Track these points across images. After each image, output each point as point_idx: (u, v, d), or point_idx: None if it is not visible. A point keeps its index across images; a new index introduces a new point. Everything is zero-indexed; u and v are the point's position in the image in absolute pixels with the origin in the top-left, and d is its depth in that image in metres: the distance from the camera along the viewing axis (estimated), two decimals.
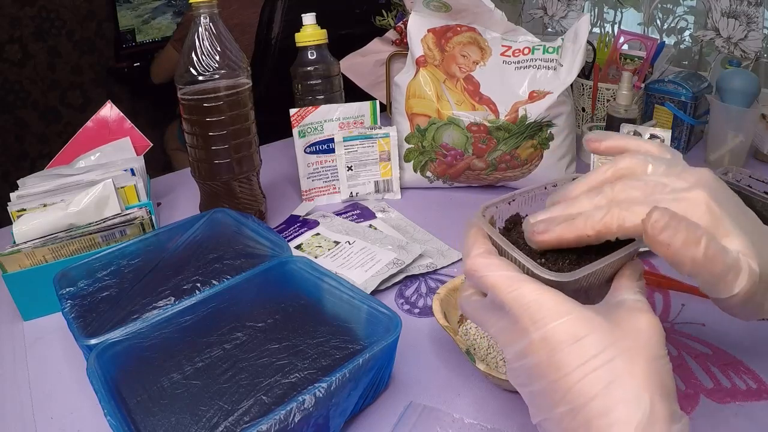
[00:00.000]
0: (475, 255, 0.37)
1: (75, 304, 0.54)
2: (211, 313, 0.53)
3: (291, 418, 0.39)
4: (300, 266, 0.57)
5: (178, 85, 0.70)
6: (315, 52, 0.86)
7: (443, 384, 0.52)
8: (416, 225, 0.77)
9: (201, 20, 0.67)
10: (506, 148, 0.80)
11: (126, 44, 2.31)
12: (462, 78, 0.83)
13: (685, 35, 1.17)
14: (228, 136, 0.71)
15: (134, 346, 0.48)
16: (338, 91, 0.90)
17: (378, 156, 0.84)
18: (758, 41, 0.98)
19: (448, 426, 0.46)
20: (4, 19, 2.20)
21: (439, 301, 0.54)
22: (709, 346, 0.54)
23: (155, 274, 0.59)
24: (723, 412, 0.47)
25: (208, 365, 0.48)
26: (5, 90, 2.27)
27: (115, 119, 0.88)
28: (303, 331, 0.51)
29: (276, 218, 0.82)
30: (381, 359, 0.46)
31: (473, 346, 0.54)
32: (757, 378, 0.50)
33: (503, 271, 0.35)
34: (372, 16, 1.14)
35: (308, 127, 0.82)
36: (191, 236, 0.64)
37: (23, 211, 0.68)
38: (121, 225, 0.66)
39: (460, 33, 0.85)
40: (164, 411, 0.44)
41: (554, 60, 0.80)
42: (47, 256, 0.63)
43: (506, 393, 0.50)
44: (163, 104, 1.82)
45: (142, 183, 0.76)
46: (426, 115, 0.83)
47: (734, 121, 0.86)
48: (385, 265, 0.66)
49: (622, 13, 1.29)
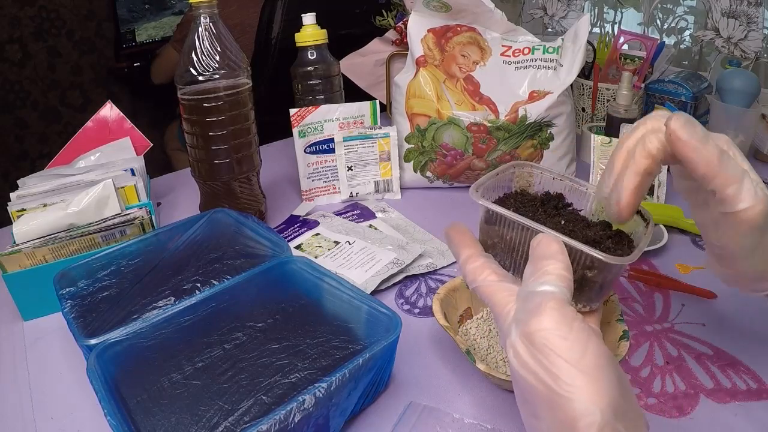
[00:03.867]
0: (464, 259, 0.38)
1: (75, 304, 0.54)
2: (211, 313, 0.53)
3: (291, 418, 0.39)
4: (300, 266, 0.57)
5: (178, 85, 0.70)
6: (315, 52, 0.86)
7: (443, 384, 0.52)
8: (416, 225, 0.77)
9: (201, 20, 0.67)
10: (506, 148, 0.80)
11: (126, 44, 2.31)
12: (462, 78, 0.83)
13: (685, 35, 1.17)
14: (228, 136, 0.71)
15: (134, 346, 0.48)
16: (338, 91, 0.90)
17: (378, 156, 0.84)
18: (758, 41, 0.98)
19: (448, 426, 0.46)
20: (4, 19, 2.20)
21: (439, 301, 0.54)
22: (709, 346, 0.54)
23: (155, 274, 0.59)
24: (723, 412, 0.47)
25: (208, 365, 0.48)
26: (5, 90, 2.27)
27: (115, 119, 0.88)
28: (303, 331, 0.51)
29: (276, 218, 0.82)
30: (381, 359, 0.46)
31: (473, 346, 0.54)
32: (757, 378, 0.50)
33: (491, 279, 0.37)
34: (372, 16, 1.14)
35: (308, 127, 0.82)
36: (191, 236, 0.64)
37: (23, 211, 0.68)
38: (121, 225, 0.66)
39: (460, 33, 0.85)
40: (164, 411, 0.44)
41: (554, 60, 0.80)
42: (47, 256, 0.63)
43: (506, 393, 0.50)
44: (163, 104, 1.82)
45: (142, 183, 0.76)
46: (426, 115, 0.83)
47: (734, 121, 0.86)
48: (385, 265, 0.66)
49: (622, 13, 1.29)
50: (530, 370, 0.31)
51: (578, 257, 0.36)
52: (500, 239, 0.40)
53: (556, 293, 0.32)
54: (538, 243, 0.35)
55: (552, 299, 0.32)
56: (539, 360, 0.31)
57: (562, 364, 0.30)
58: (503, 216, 0.39)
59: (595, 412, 0.28)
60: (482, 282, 0.37)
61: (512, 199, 0.43)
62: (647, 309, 0.60)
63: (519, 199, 0.42)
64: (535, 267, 0.34)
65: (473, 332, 0.56)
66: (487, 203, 0.39)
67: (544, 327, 0.31)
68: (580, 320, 0.32)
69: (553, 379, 0.30)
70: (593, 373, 0.29)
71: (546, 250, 0.35)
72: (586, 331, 0.31)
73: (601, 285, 0.37)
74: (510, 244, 0.39)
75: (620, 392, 0.30)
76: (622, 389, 0.30)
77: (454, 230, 0.41)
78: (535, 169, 0.45)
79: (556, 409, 0.30)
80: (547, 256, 0.34)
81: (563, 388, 0.29)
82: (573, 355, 0.30)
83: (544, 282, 0.33)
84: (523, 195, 0.44)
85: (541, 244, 0.35)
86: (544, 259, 0.34)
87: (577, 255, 0.36)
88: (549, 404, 0.30)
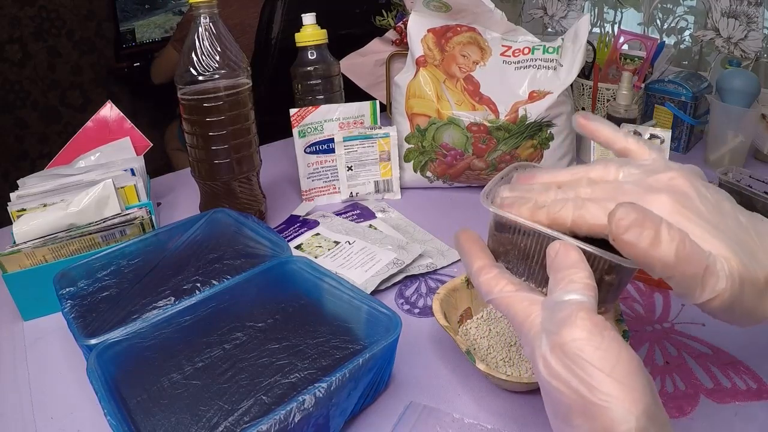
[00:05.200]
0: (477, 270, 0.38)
1: (75, 304, 0.54)
2: (211, 313, 0.53)
3: (291, 418, 0.39)
4: (300, 266, 0.57)
5: (178, 85, 0.70)
6: (315, 52, 0.86)
7: (443, 384, 0.52)
8: (416, 225, 0.77)
9: (201, 20, 0.67)
10: (506, 148, 0.80)
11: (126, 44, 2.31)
12: (462, 78, 0.83)
13: (685, 35, 1.17)
14: (228, 136, 0.71)
15: (134, 346, 0.48)
16: (338, 91, 0.90)
17: (378, 156, 0.84)
18: (758, 41, 0.98)
19: (448, 426, 0.46)
20: (4, 19, 2.20)
21: (439, 301, 0.54)
22: (709, 346, 0.54)
23: (155, 274, 0.59)
24: (723, 412, 0.47)
25: (208, 365, 0.48)
26: (5, 90, 2.27)
27: (115, 119, 0.88)
28: (303, 331, 0.51)
29: (276, 218, 0.82)
30: (381, 359, 0.46)
31: (473, 346, 0.54)
32: (757, 378, 0.50)
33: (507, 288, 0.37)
34: (372, 16, 1.14)
35: (308, 127, 0.82)
36: (191, 236, 0.64)
37: (23, 211, 0.68)
38: (121, 225, 0.66)
39: (460, 33, 0.85)
40: (164, 411, 0.44)
41: (554, 60, 0.80)
42: (47, 256, 0.63)
43: (506, 393, 0.50)
44: (163, 104, 1.82)
45: (142, 183, 0.76)
46: (426, 115, 0.83)
47: (734, 121, 0.86)
48: (385, 265, 0.66)
49: (622, 13, 1.29)
50: (563, 380, 0.31)
51: (596, 262, 0.36)
52: (513, 246, 0.39)
53: (585, 302, 0.32)
54: (556, 252, 0.35)
55: (582, 309, 0.32)
56: (573, 370, 0.31)
57: (597, 374, 0.30)
58: (517, 223, 0.38)
59: (630, 420, 0.29)
60: (499, 293, 0.37)
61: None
62: (647, 309, 0.60)
63: None
64: (559, 276, 0.34)
65: (473, 332, 0.56)
66: (500, 211, 0.38)
67: (577, 337, 0.31)
68: (610, 328, 0.32)
69: (588, 389, 0.30)
70: (627, 381, 0.30)
71: (566, 259, 0.34)
72: (617, 340, 0.31)
73: (617, 287, 0.37)
74: (524, 251, 0.39)
75: (652, 397, 0.30)
76: (653, 394, 0.31)
77: (465, 238, 0.40)
78: (537, 169, 0.45)
79: (592, 418, 0.30)
80: (569, 265, 0.34)
81: (599, 397, 0.30)
82: (607, 364, 0.30)
83: (572, 291, 0.33)
84: None
85: (560, 253, 0.35)
86: (567, 268, 0.34)
87: (596, 260, 0.36)
88: (584, 413, 0.30)
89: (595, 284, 0.34)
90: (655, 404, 0.30)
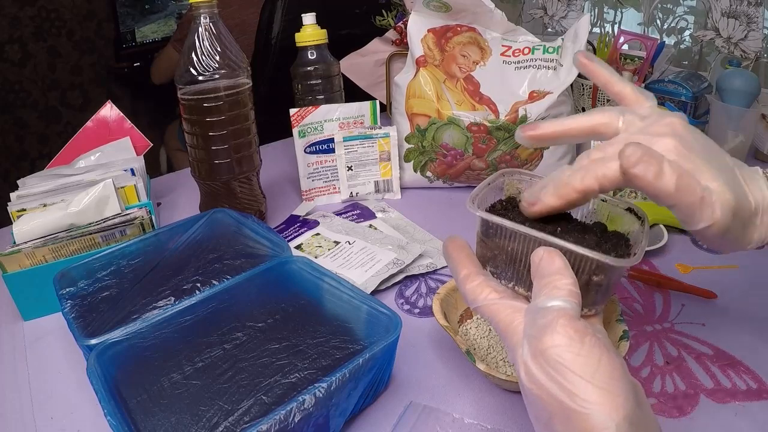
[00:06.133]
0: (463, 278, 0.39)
1: (75, 304, 0.54)
2: (211, 313, 0.53)
3: (291, 418, 0.39)
4: (300, 266, 0.57)
5: (178, 85, 0.70)
6: (315, 52, 0.86)
7: (443, 384, 0.52)
8: (416, 225, 0.77)
9: (201, 20, 0.67)
10: (506, 148, 0.80)
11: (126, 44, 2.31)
12: (462, 78, 0.83)
13: (685, 35, 1.17)
14: (228, 136, 0.71)
15: (134, 346, 0.48)
16: (338, 91, 0.90)
17: (378, 156, 0.84)
18: (758, 41, 0.98)
19: (448, 426, 0.46)
20: (4, 19, 2.20)
21: (439, 301, 0.54)
22: (709, 346, 0.54)
23: (155, 274, 0.59)
24: (723, 412, 0.47)
25: (208, 365, 0.48)
26: (5, 90, 2.28)
27: (115, 119, 0.88)
28: (303, 331, 0.51)
29: (276, 218, 0.82)
30: (381, 359, 0.46)
31: (473, 346, 0.54)
32: (757, 378, 0.50)
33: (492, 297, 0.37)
34: (372, 16, 1.14)
35: (308, 127, 0.82)
36: (191, 236, 0.64)
37: (23, 211, 0.68)
38: (121, 225, 0.66)
39: (460, 33, 0.85)
40: (164, 411, 0.44)
41: (554, 60, 0.80)
42: (47, 256, 0.63)
43: (506, 393, 0.50)
44: (163, 104, 1.82)
45: (142, 183, 0.76)
46: (426, 115, 0.83)
47: (734, 121, 0.86)
48: (385, 265, 0.66)
49: (622, 13, 1.29)
50: (543, 386, 0.31)
51: (584, 263, 0.36)
52: (501, 251, 0.39)
53: (566, 309, 0.33)
54: (541, 259, 0.35)
55: (563, 315, 0.32)
56: (553, 377, 0.31)
57: (577, 380, 0.30)
58: (504, 227, 0.38)
59: (611, 426, 0.29)
60: (483, 301, 0.37)
61: (504, 208, 0.42)
62: (647, 309, 0.60)
63: (509, 208, 0.42)
64: (543, 282, 0.34)
65: (473, 332, 0.56)
66: (486, 215, 0.39)
67: (557, 343, 0.31)
68: (591, 334, 0.32)
69: (568, 395, 0.30)
70: (608, 387, 0.30)
71: (550, 265, 0.35)
72: (598, 345, 0.31)
73: (606, 287, 0.37)
74: (511, 255, 0.39)
75: (635, 402, 0.30)
76: (636, 399, 0.31)
77: (452, 246, 0.41)
78: (524, 176, 0.45)
79: (573, 424, 0.30)
80: (553, 271, 0.34)
81: (579, 404, 0.30)
82: (587, 371, 0.30)
83: (554, 297, 0.33)
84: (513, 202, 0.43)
85: (544, 260, 0.35)
86: (550, 275, 0.34)
87: (583, 261, 0.36)
88: (565, 420, 0.30)
89: (579, 291, 0.34)
90: (639, 409, 0.31)
